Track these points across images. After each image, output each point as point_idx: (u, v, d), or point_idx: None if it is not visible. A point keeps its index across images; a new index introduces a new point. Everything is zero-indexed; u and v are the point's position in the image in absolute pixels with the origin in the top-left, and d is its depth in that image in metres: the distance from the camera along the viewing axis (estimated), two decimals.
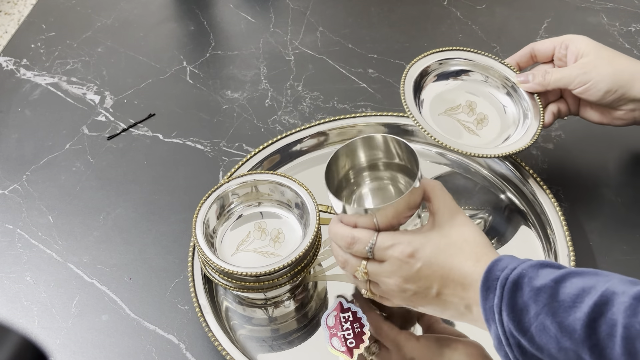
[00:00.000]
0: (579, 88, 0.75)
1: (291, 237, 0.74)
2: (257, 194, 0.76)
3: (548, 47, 0.79)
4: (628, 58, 0.76)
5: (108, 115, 0.97)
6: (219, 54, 1.04)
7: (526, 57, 0.81)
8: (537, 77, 0.77)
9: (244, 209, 0.76)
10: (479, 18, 1.07)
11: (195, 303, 0.73)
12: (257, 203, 0.76)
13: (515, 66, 0.81)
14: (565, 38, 0.78)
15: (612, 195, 0.83)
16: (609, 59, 0.74)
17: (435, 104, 0.80)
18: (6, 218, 0.85)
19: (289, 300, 0.76)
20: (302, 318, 0.74)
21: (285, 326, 0.74)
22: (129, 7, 1.13)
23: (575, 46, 0.76)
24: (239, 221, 0.76)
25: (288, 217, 0.75)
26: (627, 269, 0.76)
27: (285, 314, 0.75)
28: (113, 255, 0.81)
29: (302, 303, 0.76)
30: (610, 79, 0.73)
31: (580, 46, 0.76)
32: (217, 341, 0.70)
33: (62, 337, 0.74)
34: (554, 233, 0.77)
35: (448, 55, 0.83)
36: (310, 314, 0.75)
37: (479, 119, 0.79)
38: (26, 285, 0.79)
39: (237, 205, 0.76)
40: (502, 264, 0.57)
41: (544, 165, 0.86)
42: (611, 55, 0.75)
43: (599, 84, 0.73)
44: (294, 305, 0.76)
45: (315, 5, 1.11)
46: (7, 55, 1.06)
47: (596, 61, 0.74)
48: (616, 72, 0.73)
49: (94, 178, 0.89)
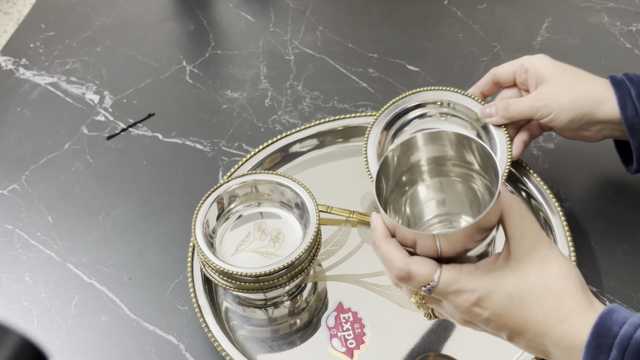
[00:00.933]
0: (543, 119, 0.72)
1: (291, 237, 0.74)
2: (257, 194, 0.76)
3: (509, 72, 0.76)
4: (589, 79, 0.72)
5: (107, 115, 0.96)
6: (218, 53, 1.04)
7: (489, 84, 0.78)
8: (500, 110, 0.74)
9: (243, 209, 0.76)
10: (480, 17, 1.06)
11: (195, 303, 0.73)
12: (257, 203, 0.76)
13: (479, 96, 0.79)
14: (524, 61, 0.74)
15: (614, 195, 0.83)
16: (569, 84, 0.71)
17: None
18: (5, 218, 0.85)
19: (289, 301, 0.76)
20: (302, 318, 0.74)
21: (285, 327, 0.74)
22: (129, 6, 1.13)
23: (534, 70, 0.73)
24: (239, 221, 0.76)
25: (288, 217, 0.75)
26: (628, 270, 0.76)
27: (285, 314, 0.75)
28: (112, 256, 0.81)
29: (302, 304, 0.75)
30: (571, 108, 0.70)
31: (539, 70, 0.72)
32: (217, 342, 0.70)
33: (62, 337, 0.74)
34: (555, 233, 0.77)
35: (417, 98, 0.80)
36: (310, 315, 0.74)
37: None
38: (25, 286, 0.78)
39: (237, 205, 0.76)
40: (616, 316, 0.47)
41: (545, 165, 0.86)
42: (571, 79, 0.71)
43: (562, 114, 0.70)
44: (294, 306, 0.75)
45: (315, 4, 1.11)
46: (6, 54, 1.06)
47: (555, 90, 0.71)
48: (576, 100, 0.70)
49: (93, 178, 0.89)
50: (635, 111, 0.68)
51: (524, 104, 0.72)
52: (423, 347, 0.71)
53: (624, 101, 0.68)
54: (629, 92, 0.68)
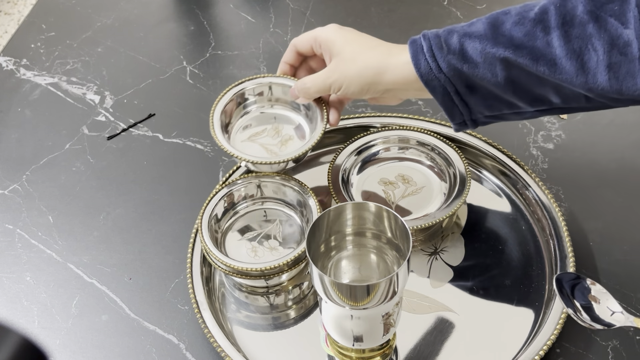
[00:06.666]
0: (338, 92, 0.73)
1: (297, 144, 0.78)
2: None
3: (306, 45, 0.76)
4: (373, 47, 0.71)
5: (108, 115, 0.97)
6: (219, 53, 1.04)
7: (294, 56, 0.78)
8: (300, 91, 0.75)
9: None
10: None
11: (194, 303, 0.73)
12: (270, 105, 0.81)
13: (290, 70, 0.79)
14: (317, 34, 0.74)
15: (613, 195, 0.83)
16: (353, 55, 0.71)
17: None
18: (6, 218, 0.85)
19: (289, 302, 0.76)
20: (301, 319, 0.74)
21: (284, 327, 0.74)
22: (129, 7, 1.13)
23: (325, 44, 0.73)
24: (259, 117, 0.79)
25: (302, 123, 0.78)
26: (628, 270, 0.76)
27: (285, 315, 0.75)
28: (113, 256, 0.81)
29: (301, 305, 0.76)
30: (357, 81, 0.71)
31: (329, 43, 0.73)
32: (217, 343, 0.70)
33: (62, 337, 0.74)
34: (554, 233, 0.77)
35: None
36: (309, 315, 0.75)
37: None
38: (26, 286, 0.79)
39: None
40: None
41: (544, 165, 0.86)
42: (355, 50, 0.71)
43: (350, 87, 0.71)
44: (294, 306, 0.76)
45: (315, 5, 1.11)
46: (7, 55, 1.06)
47: (341, 64, 0.71)
48: (360, 72, 0.70)
49: (94, 178, 0.89)
50: (428, 66, 0.66)
51: (318, 82, 0.74)
52: (421, 347, 0.71)
53: (417, 58, 0.66)
54: (422, 48, 0.66)
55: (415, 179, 0.82)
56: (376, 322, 0.63)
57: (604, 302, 0.65)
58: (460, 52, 0.64)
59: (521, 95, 0.64)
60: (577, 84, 0.60)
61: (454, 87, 0.66)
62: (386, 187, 0.82)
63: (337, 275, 0.67)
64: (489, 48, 0.62)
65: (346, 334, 0.65)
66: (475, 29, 0.64)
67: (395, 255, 0.66)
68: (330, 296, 0.60)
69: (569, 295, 0.66)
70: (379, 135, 0.85)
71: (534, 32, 0.61)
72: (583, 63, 0.59)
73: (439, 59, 0.65)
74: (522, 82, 0.63)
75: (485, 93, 0.65)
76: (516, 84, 0.63)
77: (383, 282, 0.58)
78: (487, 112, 0.67)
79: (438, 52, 0.65)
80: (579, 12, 0.59)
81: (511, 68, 0.62)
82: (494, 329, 0.72)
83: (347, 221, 0.65)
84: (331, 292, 0.60)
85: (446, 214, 0.76)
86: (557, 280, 0.66)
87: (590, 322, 0.64)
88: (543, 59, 0.60)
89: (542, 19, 0.61)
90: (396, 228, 0.64)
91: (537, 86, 0.63)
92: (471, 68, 0.64)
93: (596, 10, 0.59)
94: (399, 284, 0.59)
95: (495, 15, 0.64)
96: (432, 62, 0.65)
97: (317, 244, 0.64)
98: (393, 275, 0.58)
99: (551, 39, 0.60)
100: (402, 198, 0.80)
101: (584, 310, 0.65)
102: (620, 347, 0.70)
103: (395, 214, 0.63)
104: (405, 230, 0.61)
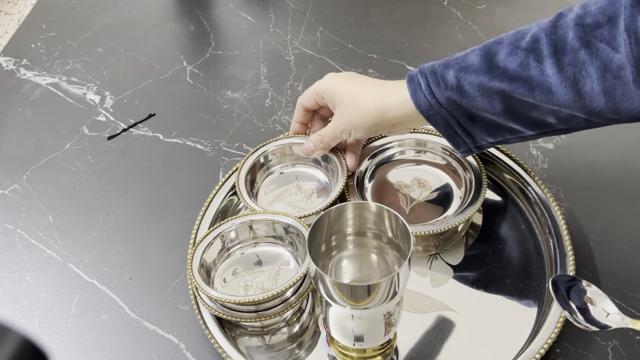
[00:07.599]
0: (350, 139, 0.77)
1: None
2: None
3: (310, 100, 0.79)
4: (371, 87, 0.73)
5: (108, 115, 0.97)
6: (219, 54, 1.04)
7: (303, 114, 0.81)
8: (317, 144, 0.78)
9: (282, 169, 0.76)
10: (479, 18, 1.07)
11: (194, 303, 0.73)
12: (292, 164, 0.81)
13: (302, 128, 0.82)
14: (317, 88, 0.77)
15: (613, 195, 0.83)
16: (354, 101, 0.73)
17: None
18: (6, 218, 0.85)
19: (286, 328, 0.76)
20: (300, 319, 0.74)
21: (284, 326, 0.74)
22: (129, 7, 1.13)
23: (327, 95, 0.76)
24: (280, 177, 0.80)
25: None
26: (627, 270, 0.76)
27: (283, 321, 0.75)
28: (113, 255, 0.81)
29: (301, 306, 0.76)
30: (362, 125, 0.73)
31: (329, 94, 0.75)
32: (217, 343, 0.70)
33: (62, 337, 0.74)
34: (554, 233, 0.77)
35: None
36: (308, 315, 0.75)
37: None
38: (26, 285, 0.79)
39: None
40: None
41: (544, 165, 0.86)
42: (355, 96, 0.74)
43: (358, 131, 0.74)
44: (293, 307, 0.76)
45: (315, 5, 1.11)
46: (7, 55, 1.06)
47: (345, 112, 0.74)
48: (363, 116, 0.73)
49: (94, 178, 0.89)
50: (428, 103, 0.67)
51: (329, 133, 0.77)
52: (422, 346, 0.71)
53: (417, 96, 0.68)
54: (420, 85, 0.68)
55: (431, 183, 0.82)
56: (377, 322, 0.63)
57: (600, 303, 0.65)
58: (458, 88, 0.65)
59: (522, 122, 0.66)
60: (575, 109, 0.61)
61: (455, 119, 0.67)
62: (402, 191, 0.82)
63: (338, 275, 0.67)
64: (485, 82, 0.64)
65: (347, 334, 0.65)
66: (470, 62, 0.65)
67: (396, 255, 0.66)
68: (331, 296, 0.60)
69: (565, 297, 0.66)
70: (395, 138, 0.85)
71: (528, 62, 0.62)
72: (578, 89, 0.60)
73: (437, 95, 0.67)
74: (520, 110, 0.64)
75: (486, 122, 0.67)
76: (515, 112, 0.65)
77: (384, 282, 0.58)
78: (490, 138, 0.69)
79: (436, 88, 0.66)
80: (569, 39, 0.60)
81: (509, 99, 0.64)
82: (494, 327, 0.72)
83: (348, 221, 0.65)
84: (332, 292, 0.60)
85: (462, 219, 0.76)
86: (553, 283, 0.66)
87: (586, 324, 0.64)
88: (539, 87, 0.61)
89: (535, 47, 0.61)
90: (397, 228, 0.64)
91: (536, 113, 0.64)
92: (470, 101, 0.65)
93: (586, 37, 0.59)
94: (399, 284, 0.59)
95: (489, 46, 0.65)
96: (431, 98, 0.67)
97: (318, 244, 0.64)
98: (394, 275, 0.58)
99: (545, 68, 0.61)
100: (417, 202, 0.80)
101: (580, 312, 0.65)
102: (620, 347, 0.70)
103: (395, 214, 0.63)
104: (406, 230, 0.61)
